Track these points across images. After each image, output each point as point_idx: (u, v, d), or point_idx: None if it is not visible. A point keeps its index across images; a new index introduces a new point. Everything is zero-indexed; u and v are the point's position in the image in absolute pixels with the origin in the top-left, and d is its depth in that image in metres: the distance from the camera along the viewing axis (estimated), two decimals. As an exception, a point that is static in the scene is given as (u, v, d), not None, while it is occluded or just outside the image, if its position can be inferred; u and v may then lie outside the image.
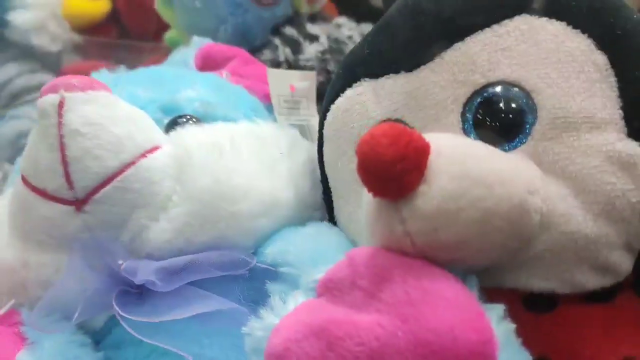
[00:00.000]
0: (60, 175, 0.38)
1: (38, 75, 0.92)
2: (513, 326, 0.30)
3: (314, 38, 0.69)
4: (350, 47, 0.68)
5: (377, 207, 0.31)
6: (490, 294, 0.31)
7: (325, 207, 0.45)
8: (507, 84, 0.34)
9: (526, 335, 0.31)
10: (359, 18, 0.75)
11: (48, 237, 0.39)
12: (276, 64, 0.67)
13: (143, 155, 0.39)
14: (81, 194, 0.38)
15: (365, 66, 0.40)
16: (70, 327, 0.38)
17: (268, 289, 0.38)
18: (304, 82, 0.57)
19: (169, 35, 0.77)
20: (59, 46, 0.92)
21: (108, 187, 0.38)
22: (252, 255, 0.41)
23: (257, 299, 0.38)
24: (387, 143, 0.29)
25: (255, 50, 0.68)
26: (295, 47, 0.68)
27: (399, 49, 0.38)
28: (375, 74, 0.39)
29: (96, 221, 0.39)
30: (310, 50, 0.68)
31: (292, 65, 0.67)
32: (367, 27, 0.72)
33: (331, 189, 0.43)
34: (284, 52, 0.68)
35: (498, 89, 0.35)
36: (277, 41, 0.69)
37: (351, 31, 0.71)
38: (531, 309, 0.34)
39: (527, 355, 0.30)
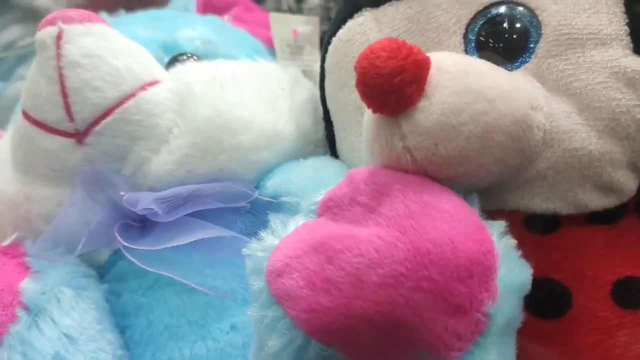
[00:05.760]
0: (60, 107, 0.37)
1: (42, 37, 0.91)
2: (514, 241, 0.30)
3: (317, -14, 0.68)
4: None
5: (377, 124, 0.30)
6: (492, 216, 0.31)
7: (328, 144, 0.45)
8: (511, 3, 0.34)
9: (529, 257, 0.31)
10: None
11: (50, 170, 0.39)
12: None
13: (143, 87, 0.39)
14: (82, 126, 0.38)
15: (366, -4, 0.40)
16: (74, 259, 0.39)
17: (269, 221, 0.38)
18: (307, 27, 0.56)
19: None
20: (63, 6, 0.91)
21: (108, 119, 0.38)
22: (254, 188, 0.40)
23: (259, 232, 0.38)
24: (386, 56, 0.29)
25: (258, 0, 0.67)
26: (299, -4, 0.67)
27: None
28: (376, 2, 0.39)
29: (97, 153, 0.38)
30: (314, -1, 0.67)
31: (295, 14, 0.67)
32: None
33: (333, 122, 0.43)
34: (287, 0, 0.67)
35: (502, 9, 0.34)
36: (280, -10, 0.68)
37: (355, -21, 0.70)
38: (533, 231, 0.34)
39: (528, 269, 0.30)
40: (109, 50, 0.38)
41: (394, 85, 0.28)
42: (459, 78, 0.30)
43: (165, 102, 0.40)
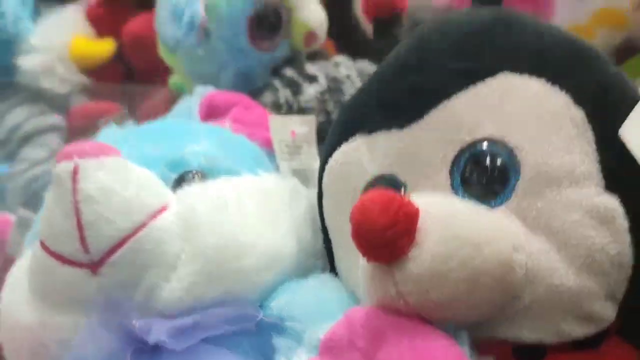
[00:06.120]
0: (75, 240, 0.40)
1: (48, 117, 0.93)
2: (502, 379, 0.32)
3: (312, 79, 0.71)
4: (348, 85, 0.71)
5: (371, 271, 0.33)
6: (482, 346, 0.33)
7: (326, 254, 0.47)
8: (492, 141, 0.36)
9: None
10: (355, 53, 0.77)
11: (65, 299, 0.41)
12: (277, 106, 0.69)
13: (153, 216, 0.41)
14: (96, 257, 0.40)
15: (359, 122, 0.42)
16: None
17: (274, 343, 0.40)
18: (304, 128, 0.59)
19: (173, 80, 0.80)
20: (67, 88, 0.94)
21: (122, 250, 0.40)
22: (259, 309, 0.43)
23: (265, 352, 0.41)
24: (378, 210, 0.31)
25: (256, 92, 0.71)
26: (295, 89, 0.71)
27: (389, 107, 0.40)
28: (368, 130, 0.41)
29: (111, 283, 0.41)
30: (310, 92, 0.70)
31: (292, 106, 0.70)
32: (363, 64, 0.75)
33: (331, 239, 0.45)
34: (284, 94, 0.70)
35: (484, 146, 0.37)
36: (277, 83, 0.72)
37: (349, 70, 0.73)
38: (521, 359, 0.36)
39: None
40: (121, 182, 0.41)
41: (386, 238, 0.31)
42: (446, 224, 0.32)
43: (172, 227, 0.42)
